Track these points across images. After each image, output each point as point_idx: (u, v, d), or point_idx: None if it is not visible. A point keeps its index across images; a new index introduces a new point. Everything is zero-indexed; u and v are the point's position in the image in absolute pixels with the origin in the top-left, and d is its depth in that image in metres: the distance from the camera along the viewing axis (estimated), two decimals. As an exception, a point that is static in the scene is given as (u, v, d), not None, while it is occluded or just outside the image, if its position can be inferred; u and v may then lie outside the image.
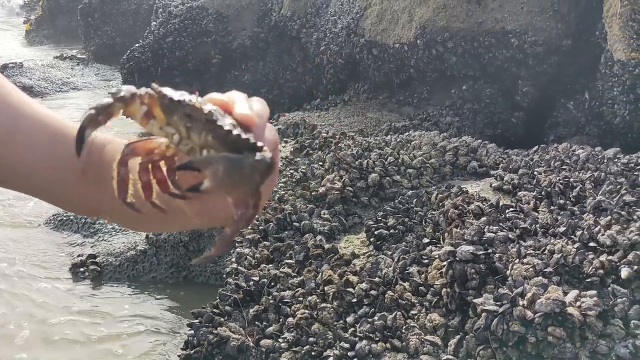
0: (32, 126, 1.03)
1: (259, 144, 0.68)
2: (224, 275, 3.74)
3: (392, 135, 4.27)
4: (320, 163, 3.99)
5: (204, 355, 2.72)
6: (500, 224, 2.55)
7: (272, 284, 2.92)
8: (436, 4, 5.02)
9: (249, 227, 3.80)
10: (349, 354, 2.22)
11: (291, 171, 4.16)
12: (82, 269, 4.84)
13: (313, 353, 2.36)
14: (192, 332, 2.81)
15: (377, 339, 2.24)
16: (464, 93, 5.37)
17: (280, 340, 2.56)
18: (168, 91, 0.72)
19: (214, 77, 7.45)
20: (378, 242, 3.03)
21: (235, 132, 0.68)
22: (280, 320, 2.69)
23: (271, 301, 2.79)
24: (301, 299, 2.70)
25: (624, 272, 2.12)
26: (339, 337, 2.36)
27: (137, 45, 7.40)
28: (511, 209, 2.83)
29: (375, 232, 3.08)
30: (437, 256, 2.42)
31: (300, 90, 7.10)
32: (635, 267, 2.14)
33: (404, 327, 2.25)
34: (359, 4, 5.79)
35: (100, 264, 4.89)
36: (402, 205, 3.15)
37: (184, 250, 4.78)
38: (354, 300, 2.51)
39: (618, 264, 2.18)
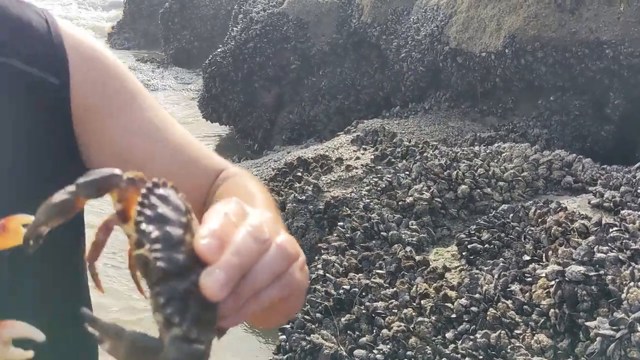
0: (165, 155, 1.03)
1: (191, 335, 0.54)
2: (309, 282, 3.75)
3: (481, 146, 4.19)
4: (407, 172, 3.96)
5: (296, 362, 2.73)
6: (609, 244, 2.44)
7: (364, 293, 2.90)
8: (527, 12, 4.90)
9: (334, 235, 3.80)
10: (451, 371, 2.18)
11: (375, 179, 4.14)
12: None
13: (411, 367, 2.33)
14: (285, 337, 2.83)
15: (481, 357, 2.18)
16: (552, 104, 5.20)
17: (375, 351, 2.54)
18: (150, 207, 0.59)
19: (291, 82, 7.53)
20: (471, 257, 2.96)
21: (168, 309, 0.54)
22: (374, 331, 2.67)
23: (363, 311, 2.77)
24: (395, 311, 2.68)
25: None
26: (438, 352, 2.32)
27: (218, 50, 7.56)
28: (615, 228, 2.71)
29: (469, 246, 3.01)
30: (542, 275, 2.34)
31: (378, 97, 7.07)
32: None
33: (509, 346, 2.19)
34: (443, 11, 5.72)
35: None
36: (497, 220, 3.07)
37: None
38: (453, 315, 2.46)
39: None
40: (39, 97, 0.93)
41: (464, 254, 3.03)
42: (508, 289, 2.43)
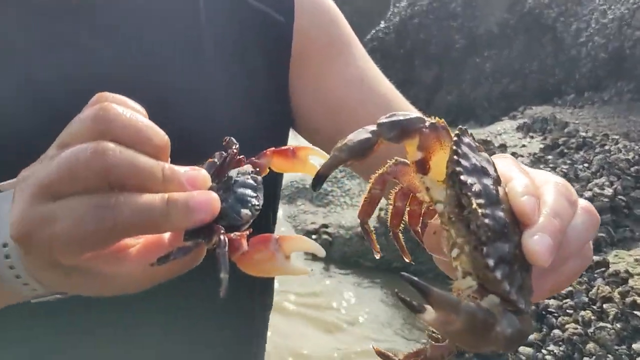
0: (377, 104, 0.97)
1: (521, 305, 0.48)
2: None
3: (675, 144, 3.75)
4: (586, 165, 3.64)
5: (454, 349, 2.61)
6: None
7: (532, 288, 2.71)
8: None
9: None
10: (640, 387, 1.95)
11: (547, 170, 3.85)
12: (314, 237, 5.05)
13: (589, 375, 2.13)
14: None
15: (678, 377, 1.93)
16: None
17: (544, 351, 2.36)
18: (465, 157, 0.52)
19: (453, 62, 7.28)
20: (661, 264, 2.65)
21: (497, 273, 0.47)
22: (543, 330, 2.48)
23: (532, 307, 2.58)
24: (570, 311, 2.46)
25: None
26: (623, 364, 2.09)
27: (381, 25, 7.49)
28: None
29: (659, 252, 2.70)
30: None
31: (547, 83, 6.62)
32: None
33: None
34: (637, -8, 5.17)
35: (331, 234, 5.05)
36: (698, 227, 2.71)
37: (413, 234, 4.73)
38: (642, 326, 2.21)
39: None
40: (264, 33, 0.92)
41: (652, 260, 2.72)
42: None
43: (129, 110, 0.50)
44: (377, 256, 0.63)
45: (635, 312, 2.25)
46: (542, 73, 6.59)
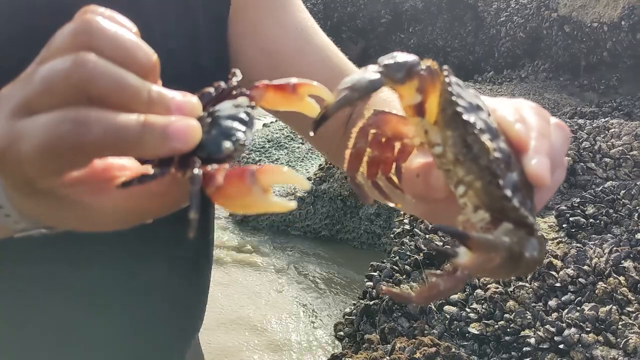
0: (316, 58, 0.97)
1: (536, 227, 0.50)
2: (392, 235, 3.72)
3: (585, 120, 3.99)
4: (505, 137, 3.83)
5: (383, 309, 2.71)
6: None
7: (457, 252, 2.84)
8: (652, -17, 4.58)
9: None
10: (556, 338, 2.11)
11: (469, 141, 4.02)
12: (241, 205, 5.03)
13: (509, 330, 2.27)
14: (372, 284, 2.81)
15: (588, 329, 2.10)
16: (661, 86, 4.91)
17: (467, 309, 2.49)
18: (460, 97, 0.52)
19: (379, 37, 7.38)
20: (573, 230, 2.85)
21: (514, 202, 0.49)
22: (467, 290, 2.61)
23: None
24: (492, 272, 2.61)
25: None
26: (540, 319, 2.25)
27: (309, -4, 7.46)
28: None
29: (570, 219, 2.90)
30: (662, 255, 2.22)
31: (467, 61, 6.85)
32: None
33: (620, 323, 2.10)
34: (555, -24, 5.43)
35: (258, 203, 5.05)
36: (606, 195, 2.93)
37: (341, 204, 4.81)
38: (557, 284, 2.37)
39: None
40: None
41: (564, 226, 2.92)
42: (620, 265, 2.32)
43: (115, 25, 0.46)
44: (372, 202, 0.62)
45: (551, 272, 2.41)
46: (462, 50, 6.81)
